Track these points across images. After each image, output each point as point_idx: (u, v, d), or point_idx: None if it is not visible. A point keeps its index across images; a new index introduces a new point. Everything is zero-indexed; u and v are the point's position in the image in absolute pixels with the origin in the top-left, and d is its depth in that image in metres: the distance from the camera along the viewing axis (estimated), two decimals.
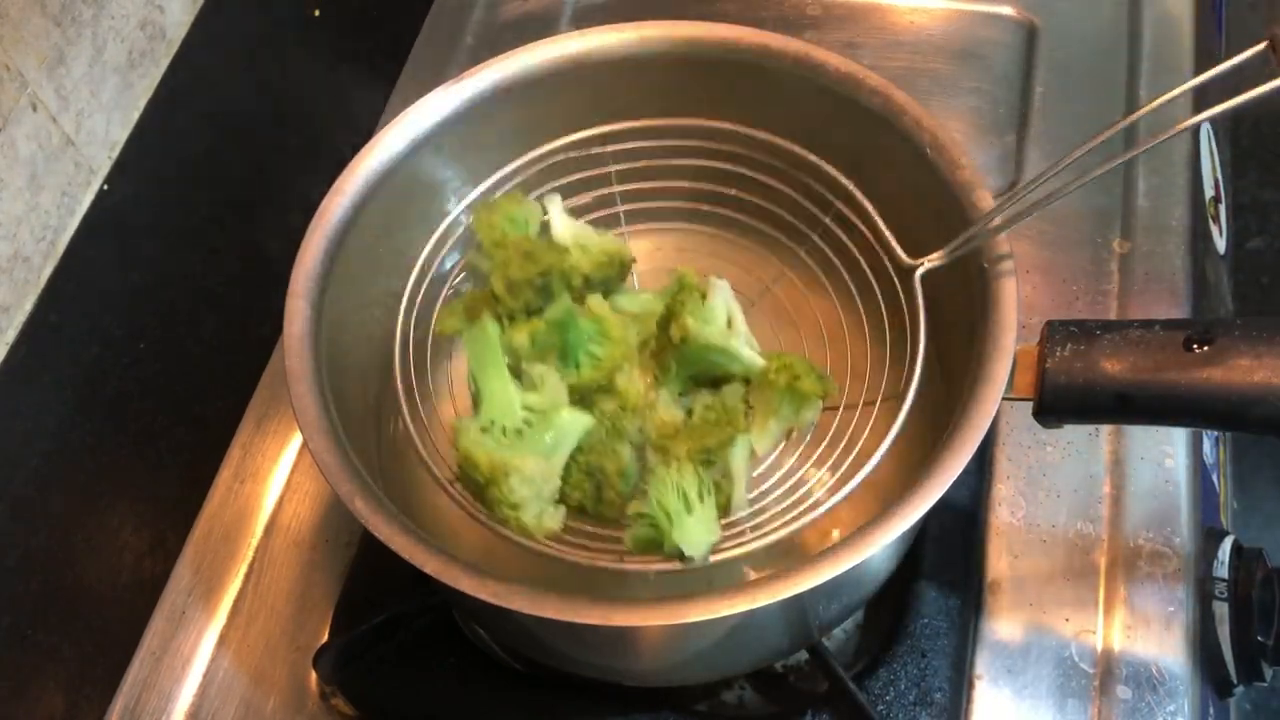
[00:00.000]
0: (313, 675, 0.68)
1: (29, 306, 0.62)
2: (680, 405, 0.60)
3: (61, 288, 0.63)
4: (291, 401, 0.55)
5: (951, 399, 0.56)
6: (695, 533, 0.52)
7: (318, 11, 0.87)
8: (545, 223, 0.64)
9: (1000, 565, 0.67)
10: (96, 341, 0.67)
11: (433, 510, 0.67)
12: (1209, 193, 0.85)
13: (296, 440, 0.77)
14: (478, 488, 0.55)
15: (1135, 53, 0.88)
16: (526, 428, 0.56)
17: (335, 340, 0.60)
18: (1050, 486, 0.70)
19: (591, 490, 0.56)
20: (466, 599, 0.50)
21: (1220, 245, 0.87)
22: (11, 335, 0.61)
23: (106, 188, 0.66)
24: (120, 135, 0.68)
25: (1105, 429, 0.71)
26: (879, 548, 0.49)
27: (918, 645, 0.64)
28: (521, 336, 0.59)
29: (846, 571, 0.49)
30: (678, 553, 0.52)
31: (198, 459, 0.77)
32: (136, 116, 0.69)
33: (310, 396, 0.56)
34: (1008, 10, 0.92)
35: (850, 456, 0.57)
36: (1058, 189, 0.52)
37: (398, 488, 0.67)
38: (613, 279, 0.64)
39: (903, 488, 0.51)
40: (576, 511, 0.57)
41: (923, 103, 0.61)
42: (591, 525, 0.58)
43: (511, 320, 0.60)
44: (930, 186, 0.60)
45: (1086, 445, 0.71)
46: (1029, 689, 0.63)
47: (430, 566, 0.51)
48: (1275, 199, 1.53)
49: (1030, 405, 0.55)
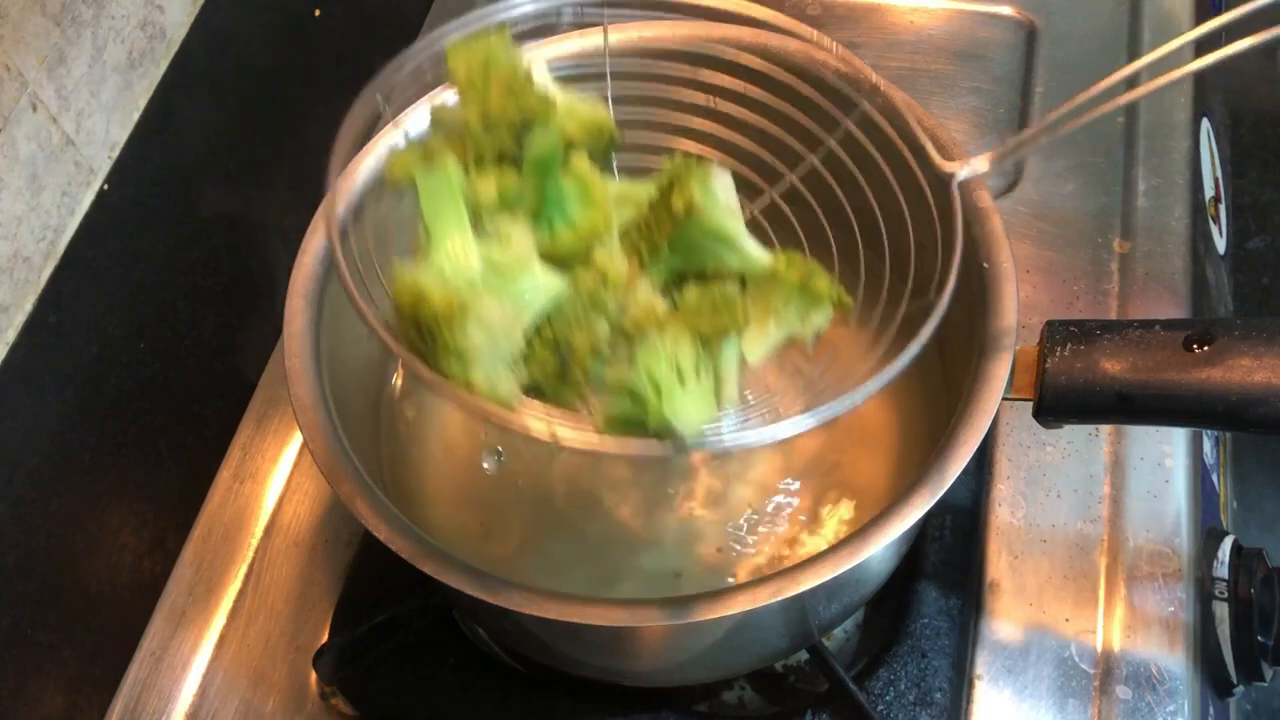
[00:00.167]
0: (312, 675, 0.68)
1: (29, 306, 0.62)
2: (666, 298, 0.51)
3: (61, 288, 0.63)
4: (291, 401, 0.55)
5: (951, 399, 0.56)
6: (688, 408, 0.45)
7: (318, 11, 0.87)
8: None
9: (1000, 565, 0.67)
10: (96, 341, 0.67)
11: (433, 510, 0.68)
12: (1209, 192, 0.85)
13: (296, 440, 0.77)
14: (422, 335, 0.45)
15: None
16: (485, 283, 0.46)
17: (335, 340, 0.60)
18: (1050, 486, 0.70)
19: (555, 367, 0.47)
20: (466, 599, 0.50)
21: (1220, 245, 0.87)
22: (11, 335, 0.61)
23: (106, 188, 0.66)
24: (120, 135, 0.67)
25: (1105, 429, 0.71)
26: (879, 548, 0.49)
27: (918, 645, 0.64)
28: (488, 186, 0.49)
29: (846, 571, 0.49)
30: (665, 429, 0.44)
31: (198, 459, 0.77)
32: (136, 116, 0.69)
33: (310, 396, 0.56)
34: (1008, 10, 0.92)
35: (859, 374, 0.49)
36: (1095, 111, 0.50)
37: (398, 487, 0.67)
38: (596, 152, 0.53)
39: (903, 487, 0.51)
40: (532, 393, 0.48)
41: (923, 102, 0.61)
42: (546, 408, 0.48)
43: (479, 166, 0.50)
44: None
45: (1086, 445, 0.71)
46: (1029, 689, 0.63)
47: (430, 566, 0.51)
48: (1275, 199, 1.53)
49: (1030, 405, 0.55)
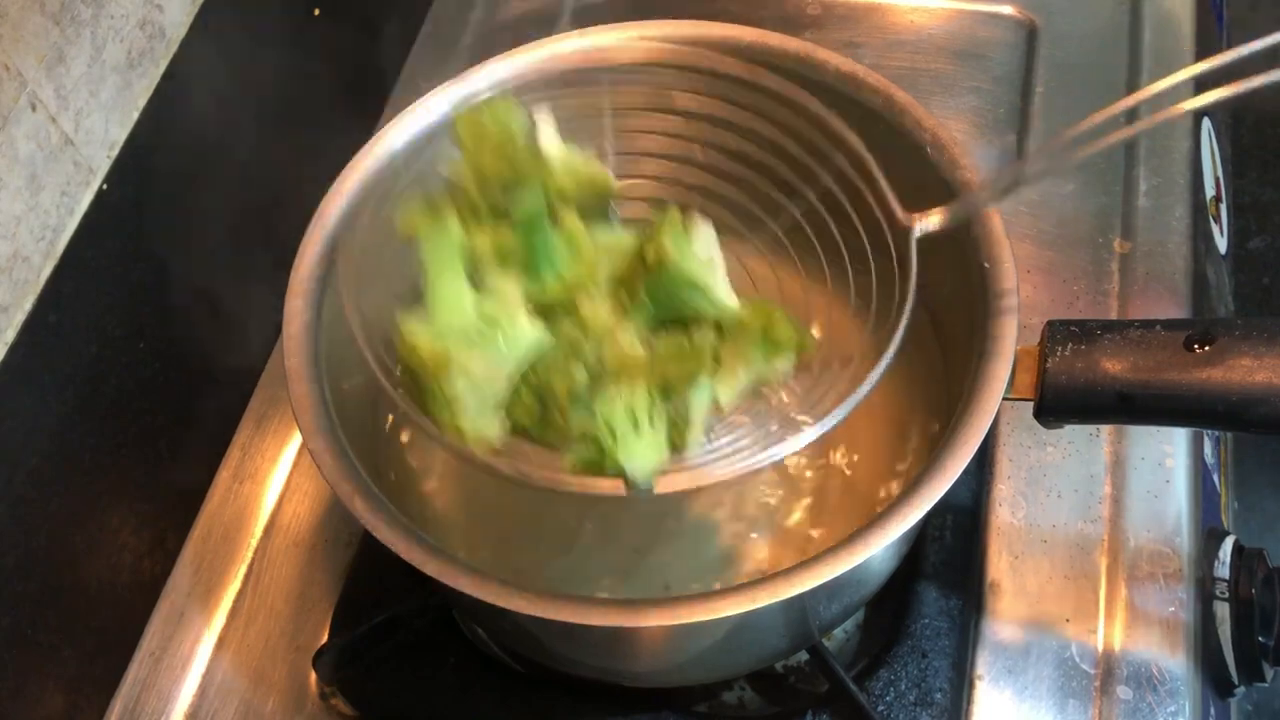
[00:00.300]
0: (312, 675, 0.68)
1: (29, 306, 0.61)
2: (646, 345, 0.55)
3: (61, 288, 0.63)
4: (291, 401, 0.55)
5: (952, 399, 0.56)
6: (640, 454, 0.49)
7: (318, 11, 0.87)
8: (530, 136, 0.58)
9: (1001, 565, 0.67)
10: (96, 341, 0.67)
11: (432, 509, 0.68)
12: (1210, 192, 0.85)
13: (296, 440, 0.77)
14: (418, 384, 0.51)
15: (1135, 52, 0.88)
16: (476, 334, 0.52)
17: (335, 340, 0.60)
18: (1051, 486, 0.70)
19: (537, 411, 0.52)
20: (466, 599, 0.50)
21: (1221, 245, 0.87)
22: (11, 335, 0.60)
23: (106, 187, 0.66)
24: (120, 135, 0.67)
25: (1105, 429, 0.71)
26: (879, 548, 0.49)
27: (918, 645, 0.64)
28: (484, 241, 0.54)
29: (847, 572, 0.49)
30: (620, 472, 0.49)
31: (198, 459, 0.77)
32: (136, 116, 0.69)
33: (310, 396, 0.56)
34: (1008, 10, 0.92)
35: (815, 409, 0.53)
36: (1057, 162, 0.51)
37: (397, 487, 0.67)
38: (592, 206, 0.58)
39: (903, 489, 0.51)
40: (518, 434, 0.53)
41: (923, 102, 0.61)
42: (531, 448, 0.53)
43: (477, 221, 0.55)
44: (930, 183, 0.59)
45: (1087, 445, 0.71)
46: (1029, 689, 0.63)
47: (430, 567, 0.50)
48: (1276, 199, 1.53)
49: (1031, 405, 0.55)
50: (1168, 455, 0.70)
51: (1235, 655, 0.65)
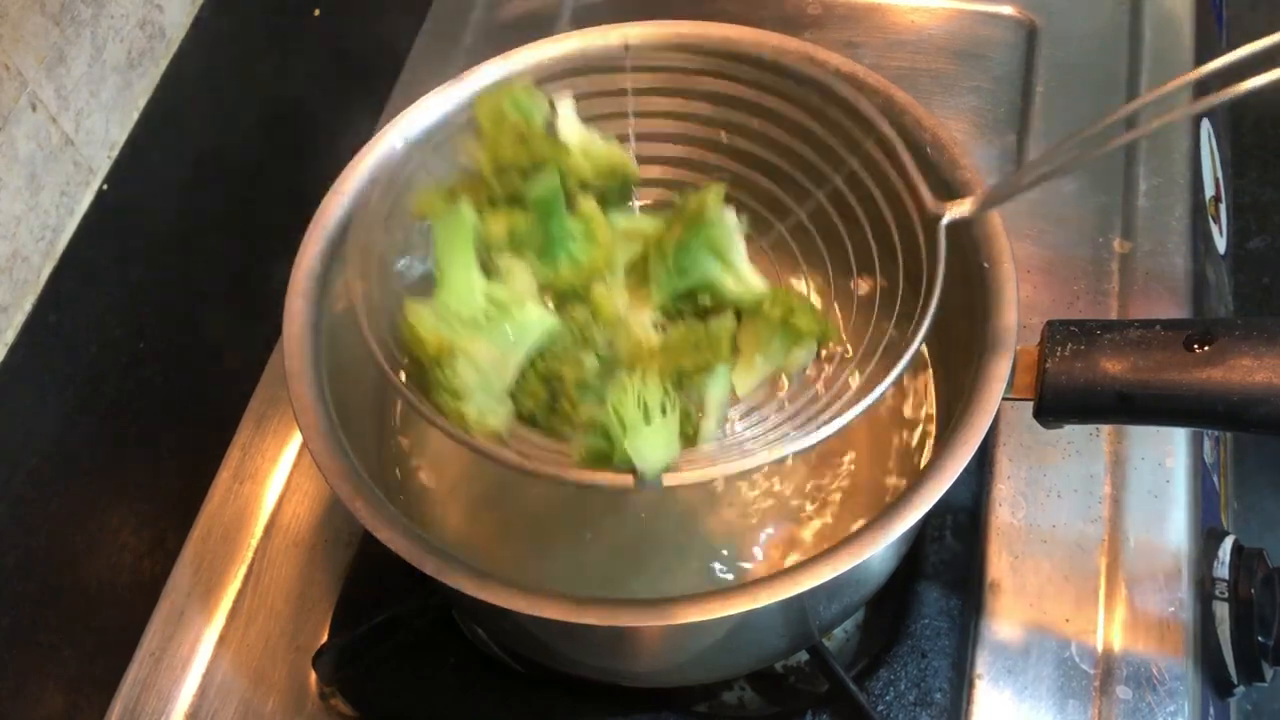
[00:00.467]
0: (312, 676, 0.68)
1: (28, 306, 0.62)
2: (659, 332, 0.54)
3: (61, 288, 0.63)
4: (291, 401, 0.55)
5: (952, 399, 0.56)
6: (650, 446, 0.48)
7: (318, 11, 0.87)
8: (551, 125, 0.58)
9: (1000, 565, 0.67)
10: (96, 341, 0.67)
11: (432, 509, 0.68)
12: (1209, 192, 0.85)
13: (296, 440, 0.77)
14: (421, 371, 0.50)
15: (1136, 52, 0.88)
16: (485, 320, 0.50)
17: (335, 340, 0.60)
18: (1050, 486, 0.70)
19: (545, 399, 0.51)
20: (466, 599, 0.50)
21: (1221, 245, 0.86)
22: (11, 335, 0.60)
23: (106, 187, 0.66)
24: (120, 135, 0.67)
25: (1105, 429, 0.71)
26: (879, 548, 0.49)
27: (918, 645, 0.64)
28: (499, 226, 0.53)
29: (847, 572, 0.49)
30: (628, 465, 0.47)
31: (198, 459, 0.77)
32: (136, 116, 0.69)
33: (310, 396, 0.56)
34: (1008, 10, 0.92)
35: (837, 406, 0.51)
36: (1083, 155, 0.49)
37: (397, 487, 0.67)
38: (612, 193, 0.57)
39: (903, 488, 0.51)
40: (525, 422, 0.51)
41: (923, 102, 0.61)
42: (539, 437, 0.51)
43: (492, 207, 0.54)
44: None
45: (1086, 445, 0.71)
46: (1029, 689, 0.63)
47: (430, 566, 0.50)
48: (1275, 199, 1.53)
49: (1031, 405, 0.55)
50: (1168, 455, 0.70)
51: (1235, 655, 0.65)
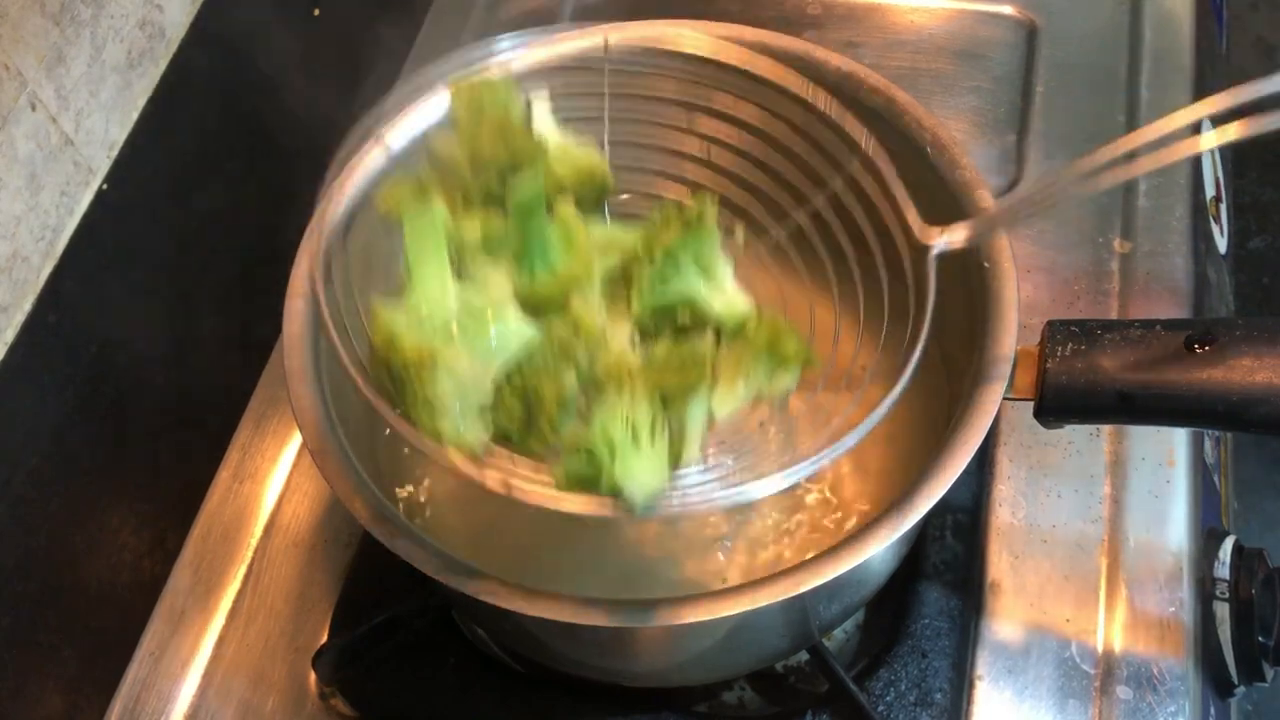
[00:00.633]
0: (312, 676, 0.68)
1: (28, 306, 0.62)
2: (639, 350, 0.51)
3: (60, 287, 0.63)
4: (291, 401, 0.55)
5: (952, 399, 0.56)
6: (641, 473, 0.45)
7: (318, 11, 0.87)
8: (527, 121, 0.55)
9: (1001, 565, 0.67)
10: (96, 341, 0.67)
11: (432, 509, 0.68)
12: (1210, 192, 0.85)
13: (296, 440, 0.77)
14: (394, 379, 0.46)
15: (1136, 52, 0.88)
16: (459, 328, 0.47)
17: None
18: (1051, 486, 0.70)
19: (521, 416, 0.47)
20: (466, 599, 0.50)
21: (1221, 245, 0.86)
22: (11, 335, 0.60)
23: (105, 187, 0.66)
24: (119, 135, 0.67)
25: (1105, 429, 0.71)
26: (879, 548, 0.49)
27: (918, 646, 0.64)
28: (473, 227, 0.50)
29: (847, 572, 0.49)
30: (615, 492, 0.45)
31: (197, 459, 0.77)
32: (136, 116, 0.69)
33: (310, 396, 0.56)
34: (1008, 9, 0.92)
35: (825, 435, 0.50)
36: (1070, 187, 0.50)
37: (397, 488, 0.67)
38: (588, 198, 0.54)
39: (903, 488, 0.51)
40: (500, 440, 0.48)
41: (923, 102, 0.61)
42: (513, 456, 0.48)
43: (466, 206, 0.51)
44: (931, 185, 0.59)
45: (1087, 445, 0.71)
46: (1030, 689, 0.63)
47: (430, 567, 0.50)
48: (1276, 199, 1.53)
49: (1031, 405, 0.55)
50: (1168, 455, 0.70)
51: (1235, 655, 0.65)
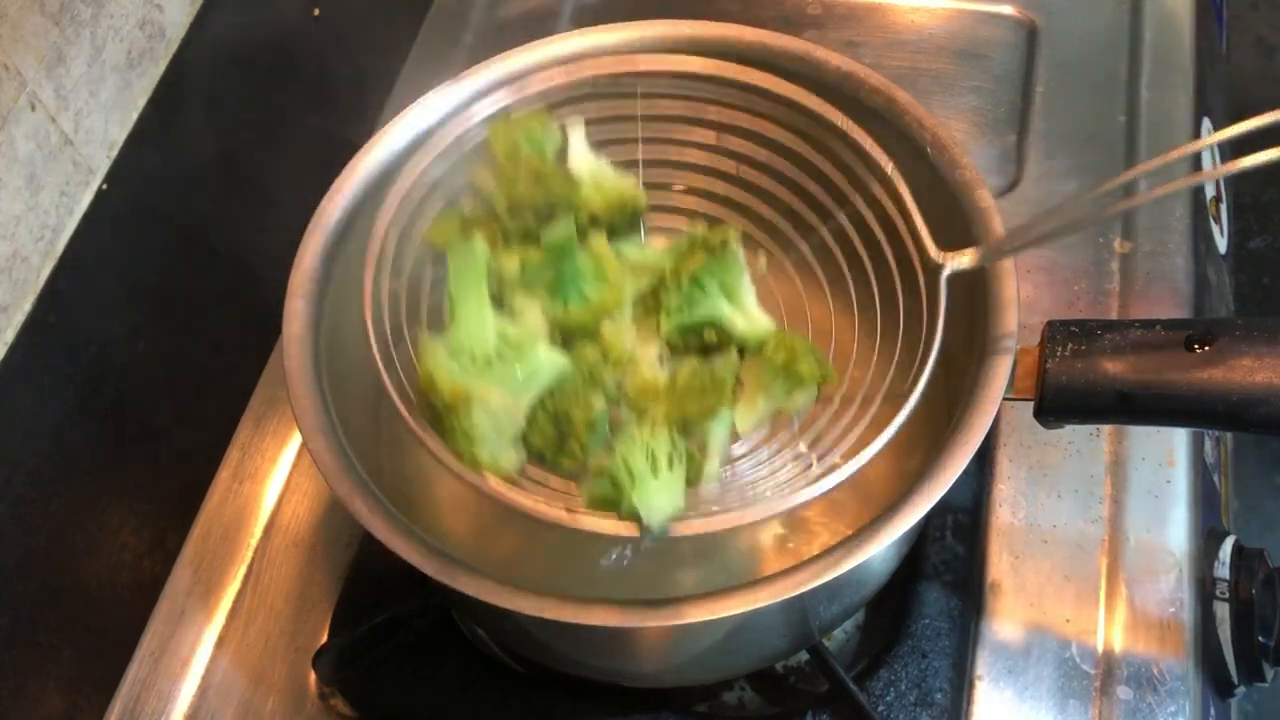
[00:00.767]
0: (312, 676, 0.68)
1: (28, 306, 0.62)
2: (665, 368, 0.56)
3: (61, 288, 0.63)
4: (291, 401, 0.55)
5: (952, 399, 0.56)
6: (657, 499, 0.49)
7: (318, 11, 0.87)
8: (562, 152, 0.60)
9: (1001, 565, 0.67)
10: (96, 341, 0.67)
11: (432, 509, 0.68)
12: (1210, 192, 0.85)
13: (296, 440, 0.77)
14: (435, 414, 0.51)
15: (1136, 52, 0.88)
16: (497, 359, 0.51)
17: (335, 340, 0.60)
18: (1051, 486, 0.70)
19: (554, 438, 0.52)
20: (466, 599, 0.50)
21: (1221, 245, 0.86)
22: (11, 335, 0.60)
23: (105, 187, 0.66)
24: (119, 135, 0.67)
25: (1106, 429, 0.71)
26: (879, 548, 0.49)
27: (918, 646, 0.64)
28: (512, 263, 0.55)
29: (847, 572, 0.49)
30: (634, 516, 0.49)
31: (197, 459, 0.77)
32: (135, 116, 0.69)
33: (310, 396, 0.56)
34: (1008, 9, 0.92)
35: (837, 452, 0.53)
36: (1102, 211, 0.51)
37: (397, 488, 0.67)
38: (622, 224, 0.59)
39: (903, 488, 0.51)
40: (534, 459, 0.53)
41: (923, 102, 0.61)
42: (546, 476, 0.54)
43: (505, 242, 0.56)
44: (932, 187, 0.59)
45: (1087, 445, 0.71)
46: (1030, 689, 0.63)
47: (430, 567, 0.50)
48: (1276, 199, 1.53)
49: (1031, 405, 0.55)
50: (1168, 455, 0.70)
51: (1235, 655, 0.65)
